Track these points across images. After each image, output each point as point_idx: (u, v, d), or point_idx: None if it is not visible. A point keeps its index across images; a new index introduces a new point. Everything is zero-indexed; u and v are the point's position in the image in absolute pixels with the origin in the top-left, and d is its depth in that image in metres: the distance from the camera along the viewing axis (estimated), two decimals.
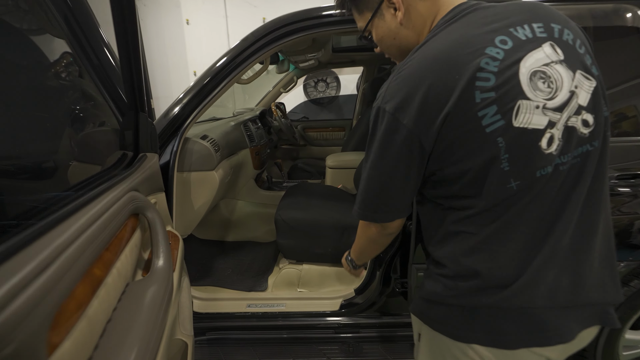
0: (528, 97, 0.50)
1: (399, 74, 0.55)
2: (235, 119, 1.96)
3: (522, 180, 0.51)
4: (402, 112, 0.53)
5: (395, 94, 0.54)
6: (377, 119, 0.57)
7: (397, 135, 0.54)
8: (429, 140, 0.53)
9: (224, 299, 1.43)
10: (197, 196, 1.35)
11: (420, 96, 0.51)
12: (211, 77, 1.20)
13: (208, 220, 1.97)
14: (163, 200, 0.96)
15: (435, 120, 0.51)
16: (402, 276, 1.33)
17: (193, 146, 1.30)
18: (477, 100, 0.50)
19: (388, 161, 0.57)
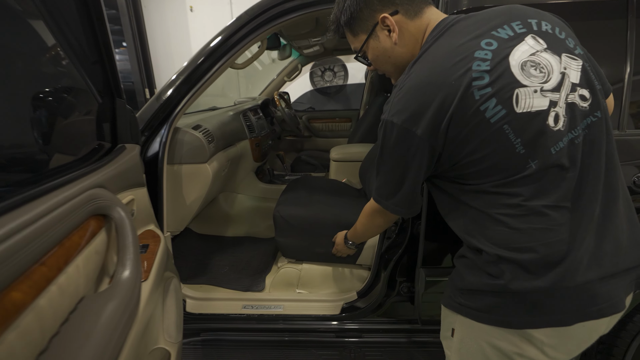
0: (524, 84, 0.55)
1: (401, 90, 0.61)
2: (234, 108, 1.86)
3: (539, 159, 0.56)
4: (410, 122, 0.59)
5: (400, 107, 0.60)
6: (387, 131, 0.62)
7: (409, 142, 0.60)
8: (439, 142, 0.59)
9: (218, 299, 1.35)
10: (189, 190, 1.26)
11: (424, 106, 0.58)
12: (200, 63, 1.09)
13: (206, 215, 1.90)
14: (144, 196, 0.87)
15: (441, 124, 0.57)
16: (408, 280, 1.22)
17: (184, 137, 1.20)
18: (476, 97, 0.55)
19: (404, 165, 0.64)
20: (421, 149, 0.60)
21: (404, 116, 0.59)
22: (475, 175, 0.61)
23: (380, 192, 0.73)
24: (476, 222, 0.63)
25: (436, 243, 1.07)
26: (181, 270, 1.53)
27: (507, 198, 0.58)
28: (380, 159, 0.67)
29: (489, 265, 0.61)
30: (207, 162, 1.26)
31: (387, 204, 0.72)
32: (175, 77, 1.12)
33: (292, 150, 2.93)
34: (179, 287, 1.09)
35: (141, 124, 1.12)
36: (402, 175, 0.66)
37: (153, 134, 1.15)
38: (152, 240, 0.81)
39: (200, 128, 1.29)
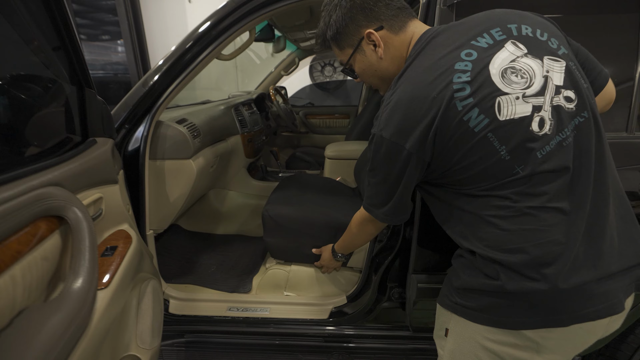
0: (505, 92, 0.57)
1: (388, 105, 0.62)
2: (226, 102, 1.80)
3: (526, 164, 0.57)
4: (398, 136, 0.61)
5: (388, 122, 0.62)
6: (376, 145, 0.65)
7: (398, 156, 0.62)
8: (427, 153, 0.61)
9: (203, 300, 1.30)
10: (173, 187, 1.20)
11: (411, 120, 0.59)
12: (182, 54, 1.03)
13: (196, 211, 1.85)
14: (116, 194, 0.81)
15: (427, 137, 0.59)
16: (400, 285, 1.17)
17: (166, 131, 1.14)
18: (459, 109, 0.57)
19: (394, 176, 0.66)
20: (410, 162, 0.62)
21: (392, 131, 0.61)
22: (465, 181, 0.62)
23: (371, 202, 0.75)
24: (469, 225, 0.65)
25: (429, 249, 1.01)
26: (167, 268, 1.48)
27: (497, 200, 0.60)
28: (371, 170, 0.69)
29: (485, 265, 0.62)
30: (192, 158, 1.20)
31: (377, 212, 0.74)
32: (162, 62, 1.06)
33: (288, 146, 2.87)
34: (158, 288, 1.04)
35: (125, 112, 1.06)
36: (392, 187, 0.68)
37: (135, 126, 1.10)
38: (122, 242, 0.76)
39: (185, 122, 1.24)
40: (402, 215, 0.74)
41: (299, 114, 2.84)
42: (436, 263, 1.03)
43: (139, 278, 0.89)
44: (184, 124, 1.22)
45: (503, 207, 0.59)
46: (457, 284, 0.68)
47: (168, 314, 1.26)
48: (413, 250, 1.02)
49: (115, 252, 0.71)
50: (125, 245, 0.76)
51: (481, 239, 0.62)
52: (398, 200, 0.70)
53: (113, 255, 0.69)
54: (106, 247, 0.72)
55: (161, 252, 1.59)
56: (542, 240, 0.57)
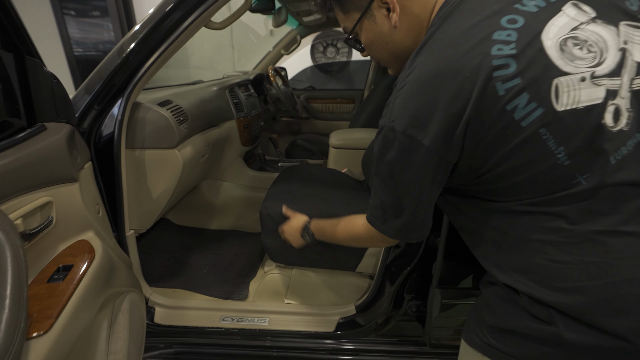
0: (565, 71, 0.42)
1: (402, 88, 0.49)
2: (219, 82, 1.60)
3: (592, 172, 0.43)
4: (415, 129, 0.47)
5: (403, 111, 0.48)
6: (386, 140, 0.51)
7: (414, 155, 0.49)
8: (453, 151, 0.47)
9: (193, 309, 1.16)
10: (156, 181, 1.03)
11: (432, 107, 0.46)
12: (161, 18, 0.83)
13: (187, 204, 1.68)
14: (71, 195, 0.63)
15: (455, 130, 0.46)
16: (417, 297, 1.02)
17: (145, 115, 0.96)
18: (500, 93, 0.43)
19: (409, 183, 0.51)
20: (430, 163, 0.48)
21: (407, 121, 0.47)
22: (502, 192, 0.49)
23: (375, 213, 0.58)
24: (505, 251, 0.51)
25: (458, 262, 0.86)
26: (153, 269, 1.33)
27: (548, 220, 0.46)
28: (378, 174, 0.54)
29: (531, 304, 0.48)
30: (177, 147, 1.02)
31: (383, 227, 0.58)
32: (139, 27, 0.86)
33: (288, 133, 2.68)
34: (138, 301, 0.88)
35: (96, 87, 0.87)
36: (405, 196, 0.53)
37: (107, 107, 0.91)
38: (81, 258, 0.59)
39: (169, 105, 1.05)
40: (417, 232, 0.57)
41: (300, 97, 2.64)
42: (465, 276, 0.88)
43: (111, 295, 0.72)
44: (168, 106, 1.03)
45: (556, 229, 0.45)
46: (490, 322, 0.54)
47: (153, 324, 1.11)
48: (439, 262, 0.87)
49: (69, 274, 0.54)
50: (86, 262, 0.59)
51: (524, 271, 0.48)
52: (413, 214, 0.54)
53: (65, 279, 0.53)
54: (57, 268, 0.55)
55: (147, 250, 1.43)
56: (613, 278, 0.42)
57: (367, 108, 2.12)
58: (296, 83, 3.58)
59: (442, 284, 0.89)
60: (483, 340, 0.54)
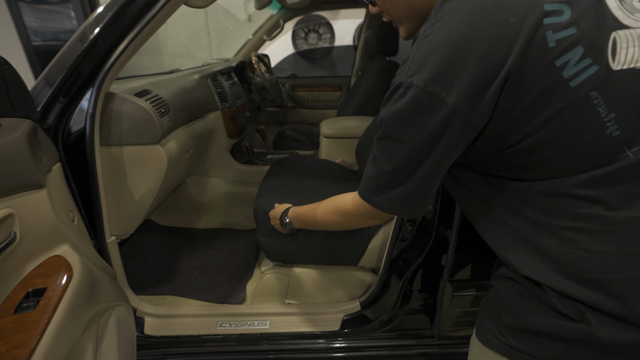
0: (625, 24, 0.37)
1: (427, 38, 0.41)
2: (200, 70, 1.47)
3: None
4: (439, 85, 0.39)
5: (424, 63, 0.40)
6: (401, 97, 0.42)
7: (432, 116, 0.41)
8: (481, 115, 0.40)
9: (186, 316, 1.07)
10: (138, 181, 0.92)
11: (464, 60, 0.38)
12: None
13: (172, 203, 1.57)
14: (38, 204, 0.53)
15: (488, 88, 0.39)
16: (424, 290, 0.99)
17: (121, 107, 0.84)
18: (550, 44, 0.37)
19: (418, 150, 0.44)
20: (452, 127, 0.41)
21: (430, 75, 0.40)
22: (528, 169, 0.43)
23: (369, 185, 0.51)
24: (526, 240, 0.45)
25: (470, 254, 0.82)
26: (139, 276, 1.23)
27: (580, 204, 0.40)
28: (383, 138, 0.47)
29: (559, 300, 0.43)
30: (160, 143, 0.91)
31: (377, 200, 0.51)
32: (104, 10, 0.74)
33: (274, 123, 2.57)
34: (125, 314, 0.79)
35: (59, 77, 0.75)
36: (409, 164, 0.46)
37: (74, 100, 0.79)
38: (55, 278, 0.50)
39: (148, 95, 0.93)
40: (414, 208, 0.49)
41: (284, 86, 2.52)
42: (478, 269, 0.85)
43: (95, 314, 0.63)
44: (147, 97, 0.92)
45: (591, 216, 0.40)
46: (510, 321, 0.48)
47: (144, 336, 1.02)
48: (450, 254, 0.83)
49: (42, 299, 0.45)
50: (62, 283, 0.50)
51: (550, 261, 0.43)
52: (416, 186, 0.47)
53: (37, 307, 0.44)
54: (27, 294, 0.46)
55: (130, 256, 1.32)
56: None
57: (356, 95, 2.05)
58: (279, 71, 3.44)
59: (454, 277, 0.85)
60: (502, 341, 0.50)
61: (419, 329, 1.04)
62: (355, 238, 1.05)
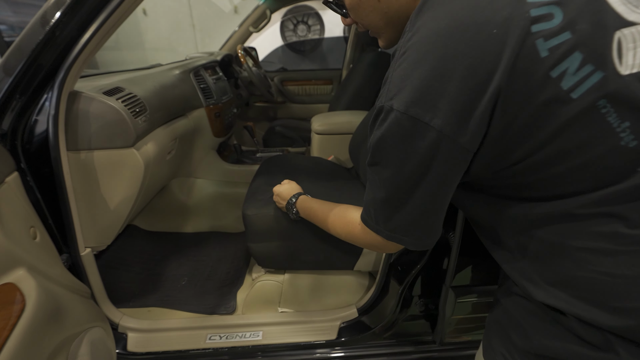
0: (630, 20, 0.32)
1: (403, 56, 0.38)
2: (181, 65, 1.38)
3: None
4: (422, 107, 0.36)
5: (403, 84, 0.37)
6: (383, 124, 0.40)
7: (419, 141, 0.38)
8: (472, 137, 0.37)
9: (173, 329, 1.01)
10: (112, 189, 0.84)
11: (445, 78, 0.35)
12: None
13: (156, 207, 1.48)
14: None
15: (475, 108, 0.35)
16: (424, 295, 0.94)
17: (88, 107, 0.76)
18: (542, 54, 0.33)
19: (410, 178, 0.41)
20: (440, 152, 0.38)
21: (410, 97, 0.37)
22: (536, 187, 0.39)
23: (367, 211, 0.49)
24: (538, 262, 0.41)
25: (474, 258, 0.77)
26: (122, 287, 1.15)
27: (598, 222, 0.36)
28: (372, 163, 0.44)
29: (580, 325, 0.38)
30: (134, 146, 0.83)
31: (378, 227, 0.47)
32: None
33: (264, 119, 2.48)
34: (102, 337, 0.73)
35: (16, 69, 0.66)
36: (408, 189, 0.42)
37: (33, 98, 0.70)
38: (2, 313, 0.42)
39: (119, 93, 0.85)
40: (420, 236, 0.46)
41: (273, 80, 2.43)
42: (482, 275, 0.80)
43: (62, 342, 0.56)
44: (118, 95, 0.83)
45: (611, 235, 0.36)
46: (522, 345, 0.44)
47: (127, 353, 0.95)
48: (453, 259, 0.77)
49: None
50: (11, 318, 0.43)
51: (566, 286, 0.39)
52: (416, 212, 0.43)
53: None
54: None
55: (113, 265, 1.24)
56: None
57: (348, 89, 1.97)
58: (267, 65, 3.33)
59: (457, 283, 0.80)
60: None
61: (419, 334, 0.99)
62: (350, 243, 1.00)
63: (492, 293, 0.81)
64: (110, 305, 1.00)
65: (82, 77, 1.00)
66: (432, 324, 0.96)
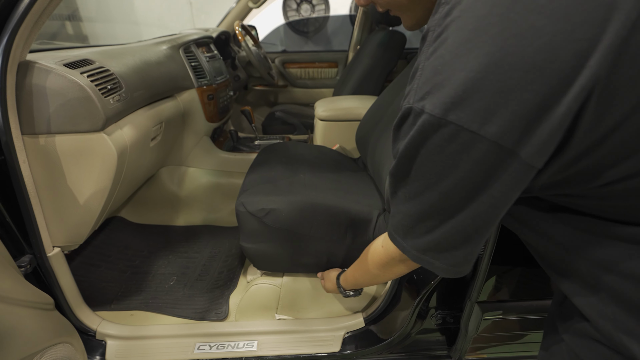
0: None
1: (440, 38, 0.28)
2: (169, 39, 1.23)
3: None
4: (468, 111, 0.27)
5: (441, 78, 0.28)
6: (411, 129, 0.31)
7: (463, 155, 0.29)
8: (542, 148, 0.27)
9: (158, 337, 0.90)
10: (79, 180, 0.71)
11: (507, 67, 0.25)
12: None
13: (144, 198, 1.36)
14: None
15: (551, 109, 0.25)
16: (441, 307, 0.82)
17: (44, 82, 0.62)
18: None
19: (452, 196, 0.32)
20: (494, 167, 0.28)
21: (451, 97, 0.27)
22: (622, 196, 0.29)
23: (395, 223, 0.39)
24: (621, 300, 0.32)
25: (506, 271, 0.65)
26: (104, 286, 1.04)
27: None
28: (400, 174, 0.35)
29: None
30: (105, 130, 0.70)
31: (404, 244, 0.38)
32: None
33: (263, 104, 2.33)
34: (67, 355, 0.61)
35: None
36: (445, 207, 0.33)
37: None
38: None
39: (85, 66, 0.70)
40: (455, 262, 0.37)
41: (274, 61, 2.27)
42: (513, 288, 0.68)
43: None
44: (84, 69, 0.69)
45: None
46: None
47: None
48: (482, 273, 0.65)
49: None
50: None
51: None
52: (455, 237, 0.35)
53: None
54: None
55: (94, 262, 1.13)
56: None
57: (354, 72, 1.82)
58: (268, 46, 3.15)
59: (484, 297, 0.68)
60: None
61: (432, 348, 0.88)
62: (357, 244, 0.88)
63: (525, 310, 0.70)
64: (87, 309, 0.89)
65: (52, 50, 0.86)
66: (448, 338, 0.85)
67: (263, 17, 3.02)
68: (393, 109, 1.05)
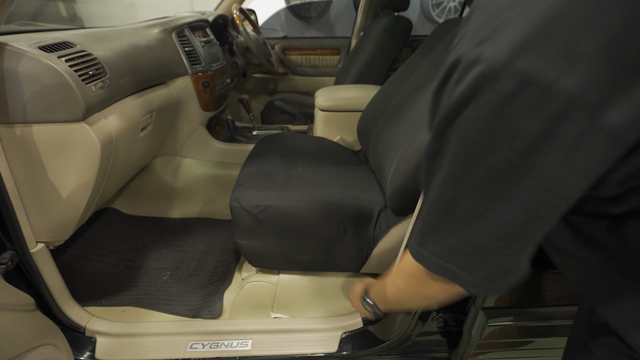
0: None
1: None
2: (161, 22, 1.16)
3: None
4: (540, 57, 0.21)
5: (504, 19, 0.23)
6: (459, 84, 0.24)
7: (529, 115, 0.22)
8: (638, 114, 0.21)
9: (150, 335, 0.87)
10: (61, 173, 0.67)
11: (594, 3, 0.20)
12: None
13: (138, 189, 1.32)
14: None
15: None
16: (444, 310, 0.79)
17: (16, 66, 0.57)
18: None
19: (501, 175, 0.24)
20: (569, 133, 0.21)
21: (520, 40, 0.22)
22: None
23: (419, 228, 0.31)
24: None
25: None
26: (95, 281, 1.01)
27: None
28: (438, 150, 0.27)
29: None
30: (86, 120, 0.65)
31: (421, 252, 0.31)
32: None
33: (262, 92, 2.26)
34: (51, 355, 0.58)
35: None
36: (484, 195, 0.26)
37: None
38: None
39: (64, 49, 0.65)
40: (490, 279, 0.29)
41: (274, 48, 2.19)
42: (522, 295, 0.64)
43: None
44: (63, 52, 0.63)
45: None
46: None
47: None
48: None
49: None
50: None
51: None
52: (493, 237, 0.27)
53: None
54: None
55: (86, 255, 1.10)
56: None
57: (357, 60, 1.75)
58: (267, 32, 3.05)
59: (489, 303, 0.65)
60: None
61: (432, 350, 0.85)
62: (357, 242, 0.84)
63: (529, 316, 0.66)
64: (75, 305, 0.86)
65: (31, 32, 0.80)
66: (450, 341, 0.82)
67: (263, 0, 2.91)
68: (397, 99, 1.00)
